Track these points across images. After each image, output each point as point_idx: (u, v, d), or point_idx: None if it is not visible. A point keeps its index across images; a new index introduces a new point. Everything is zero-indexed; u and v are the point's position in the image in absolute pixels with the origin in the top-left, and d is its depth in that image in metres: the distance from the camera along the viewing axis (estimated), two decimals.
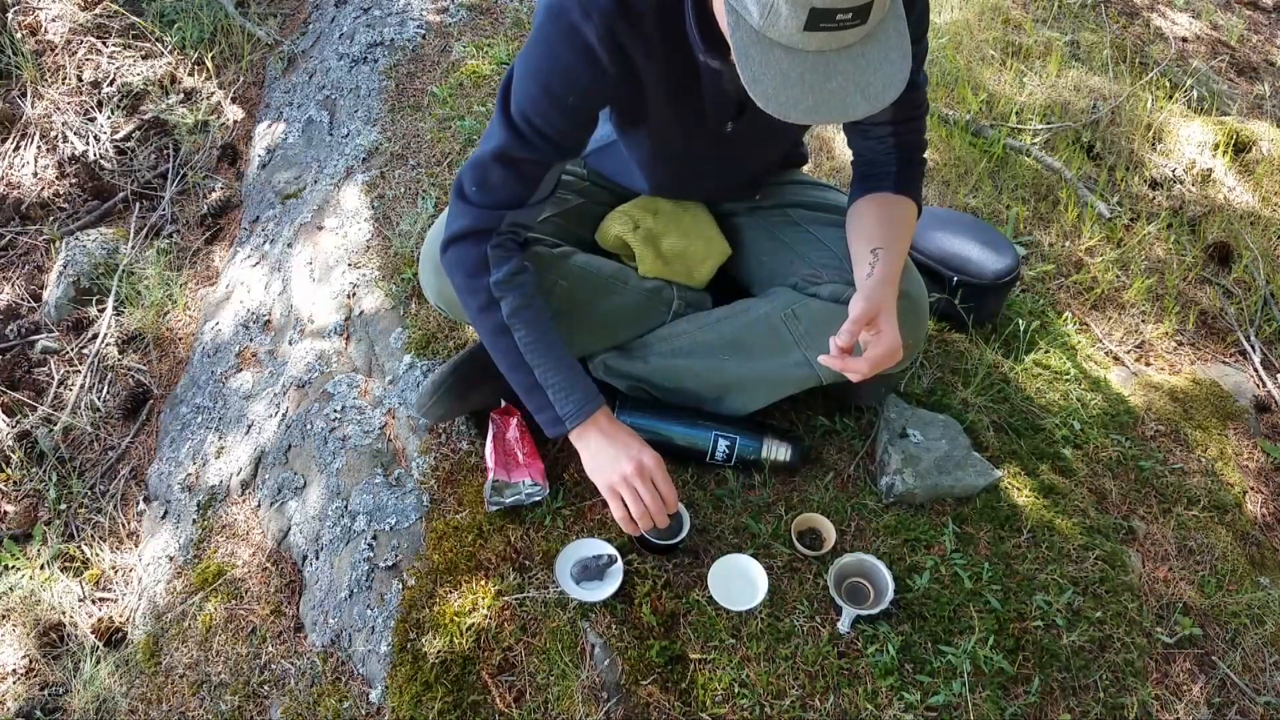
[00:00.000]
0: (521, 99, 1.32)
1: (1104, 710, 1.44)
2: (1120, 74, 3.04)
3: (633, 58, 1.29)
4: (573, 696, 1.39)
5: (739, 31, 1.09)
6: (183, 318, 2.47)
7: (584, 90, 1.31)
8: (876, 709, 1.39)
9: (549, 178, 1.41)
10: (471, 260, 1.42)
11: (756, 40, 1.09)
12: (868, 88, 1.10)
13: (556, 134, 1.34)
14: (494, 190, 1.39)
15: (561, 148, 1.37)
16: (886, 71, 1.10)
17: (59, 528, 2.11)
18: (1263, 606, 1.64)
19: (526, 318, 1.42)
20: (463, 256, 1.42)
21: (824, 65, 1.09)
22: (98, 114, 3.03)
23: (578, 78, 1.29)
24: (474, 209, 1.41)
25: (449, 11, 2.90)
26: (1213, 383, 2.10)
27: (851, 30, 1.06)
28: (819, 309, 1.56)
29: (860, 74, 1.10)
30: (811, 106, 1.10)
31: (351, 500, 1.68)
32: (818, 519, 1.61)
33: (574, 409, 1.44)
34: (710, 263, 1.72)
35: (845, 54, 1.09)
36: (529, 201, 1.41)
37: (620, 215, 1.71)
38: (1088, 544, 1.64)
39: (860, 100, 1.10)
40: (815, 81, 1.09)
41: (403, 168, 2.33)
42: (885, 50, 1.10)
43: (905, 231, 1.50)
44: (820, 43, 1.07)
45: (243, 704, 1.57)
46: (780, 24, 1.06)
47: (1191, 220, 2.57)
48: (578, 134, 1.39)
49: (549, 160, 1.39)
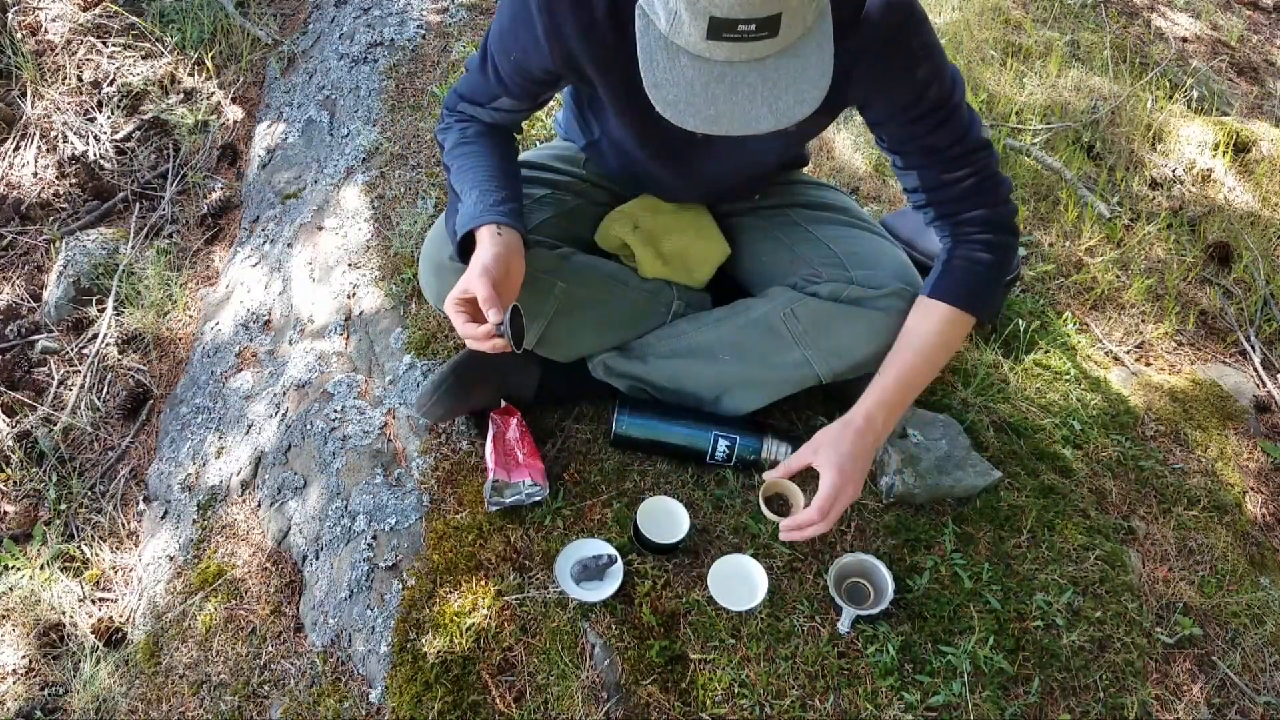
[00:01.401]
0: (490, 35, 1.41)
1: (1104, 710, 1.44)
2: (1120, 74, 3.04)
3: (570, 44, 1.30)
4: (573, 696, 1.39)
5: (646, 36, 1.09)
6: (183, 318, 2.47)
7: (522, 49, 1.35)
8: (876, 709, 1.39)
9: (503, 104, 1.48)
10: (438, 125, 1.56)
11: (664, 46, 1.08)
12: (776, 103, 1.08)
13: (506, 76, 1.42)
14: (463, 85, 1.52)
15: (509, 89, 1.44)
16: (800, 89, 1.08)
17: (59, 528, 2.10)
18: (1263, 606, 1.64)
19: (459, 153, 1.49)
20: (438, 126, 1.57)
21: (731, 76, 1.07)
22: (98, 114, 3.03)
23: (519, 39, 1.34)
24: (450, 94, 1.55)
25: (449, 11, 2.90)
26: (1213, 383, 2.10)
27: (761, 43, 1.05)
28: (818, 308, 1.56)
29: (770, 89, 1.08)
30: (713, 116, 1.09)
31: (351, 500, 1.68)
32: (786, 484, 1.57)
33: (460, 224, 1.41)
34: (710, 263, 1.72)
35: (756, 67, 1.07)
36: (485, 107, 1.50)
37: (620, 215, 1.71)
38: (1088, 544, 1.64)
39: (767, 115, 1.09)
40: (720, 92, 1.08)
41: (403, 168, 2.33)
42: (802, 66, 1.08)
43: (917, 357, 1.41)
44: (728, 53, 1.06)
45: (243, 704, 1.57)
46: (684, 31, 1.05)
47: (1191, 220, 2.57)
48: (524, 86, 1.43)
49: (498, 94, 1.46)
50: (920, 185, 1.41)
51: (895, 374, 1.42)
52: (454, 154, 1.49)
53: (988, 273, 1.42)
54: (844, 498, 1.38)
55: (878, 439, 1.42)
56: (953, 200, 1.41)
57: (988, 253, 1.41)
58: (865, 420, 1.40)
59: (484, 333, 1.32)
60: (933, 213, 1.44)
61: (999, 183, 1.42)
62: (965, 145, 1.37)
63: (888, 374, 1.42)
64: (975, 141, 1.38)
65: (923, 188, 1.41)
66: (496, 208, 1.40)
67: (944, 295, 1.42)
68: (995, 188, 1.41)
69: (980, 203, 1.41)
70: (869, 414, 1.40)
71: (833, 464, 1.37)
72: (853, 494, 1.39)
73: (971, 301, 1.42)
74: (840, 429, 1.40)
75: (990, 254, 1.41)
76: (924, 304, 1.44)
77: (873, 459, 1.45)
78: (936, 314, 1.42)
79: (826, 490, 1.36)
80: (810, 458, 1.41)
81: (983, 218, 1.41)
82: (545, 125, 2.45)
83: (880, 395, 1.41)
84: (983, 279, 1.42)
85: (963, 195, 1.40)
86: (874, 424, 1.40)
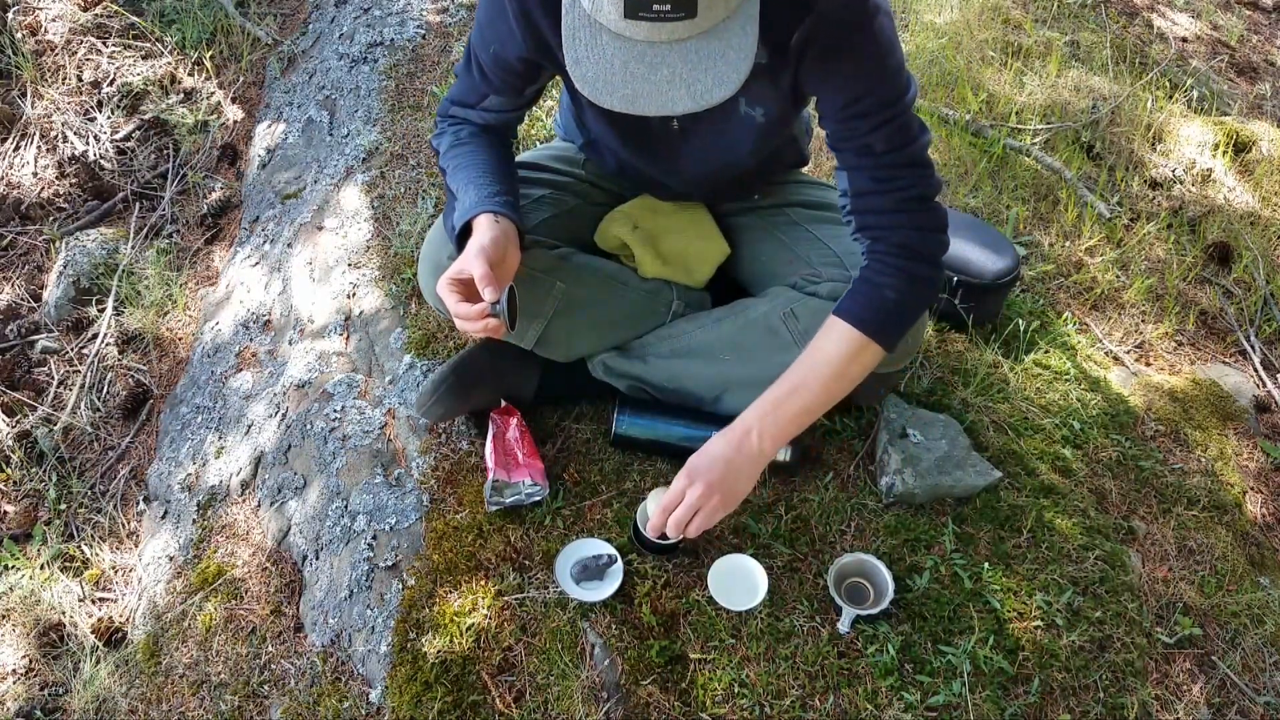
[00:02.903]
0: (471, 34, 1.42)
1: (1104, 710, 1.44)
2: (1120, 74, 3.04)
3: (539, 25, 1.30)
4: (573, 696, 1.39)
5: (571, 13, 1.10)
6: (183, 318, 2.47)
7: (499, 39, 1.36)
8: (876, 709, 1.39)
9: (493, 101, 1.47)
10: (433, 131, 1.56)
11: (587, 23, 1.09)
12: (694, 84, 1.08)
13: (489, 71, 1.42)
14: (453, 89, 1.52)
15: (494, 85, 1.44)
16: (719, 70, 1.08)
17: (59, 528, 2.10)
18: (1263, 606, 1.64)
19: (454, 154, 1.48)
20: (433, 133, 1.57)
21: (651, 56, 1.07)
22: (98, 114, 3.03)
23: (497, 32, 1.35)
24: (443, 100, 1.55)
25: (449, 11, 2.90)
26: (1213, 383, 2.10)
27: (680, 23, 1.05)
28: (818, 308, 1.55)
29: (689, 69, 1.08)
30: (630, 95, 1.09)
31: (351, 500, 1.68)
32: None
33: (456, 220, 1.41)
34: (710, 263, 1.72)
35: (676, 48, 1.07)
36: (477, 107, 1.50)
37: (620, 215, 1.71)
38: (1088, 544, 1.64)
39: (684, 96, 1.09)
40: (639, 71, 1.08)
41: (403, 168, 2.33)
42: (722, 49, 1.07)
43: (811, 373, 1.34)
44: (647, 33, 1.06)
45: (243, 704, 1.57)
46: (604, 8, 1.06)
47: (1191, 220, 2.57)
48: (507, 78, 1.43)
49: (484, 91, 1.46)
50: (849, 189, 1.34)
51: (784, 387, 1.36)
52: (449, 155, 1.49)
53: (895, 301, 1.33)
54: (692, 498, 1.32)
55: (753, 453, 1.35)
56: (875, 213, 1.33)
57: (896, 280, 1.33)
58: (739, 430, 1.35)
59: (478, 312, 1.30)
60: (854, 223, 1.36)
61: (931, 209, 1.34)
62: (902, 156, 1.31)
63: (776, 387, 1.37)
64: (914, 156, 1.31)
65: (850, 192, 1.34)
66: (493, 199, 1.40)
67: (845, 314, 1.35)
68: (925, 212, 1.33)
69: (903, 223, 1.33)
70: (744, 425, 1.35)
71: (688, 466, 1.34)
72: (703, 492, 1.31)
73: (873, 326, 1.33)
74: (718, 436, 1.36)
75: (899, 282, 1.33)
76: (829, 320, 1.37)
77: (749, 474, 1.36)
78: (836, 332, 1.35)
79: (672, 489, 1.33)
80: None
81: (901, 240, 1.33)
82: (545, 125, 2.45)
83: (761, 409, 1.36)
84: (889, 307, 1.33)
85: (887, 210, 1.33)
86: (748, 435, 1.34)
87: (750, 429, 1.35)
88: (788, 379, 1.37)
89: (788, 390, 1.36)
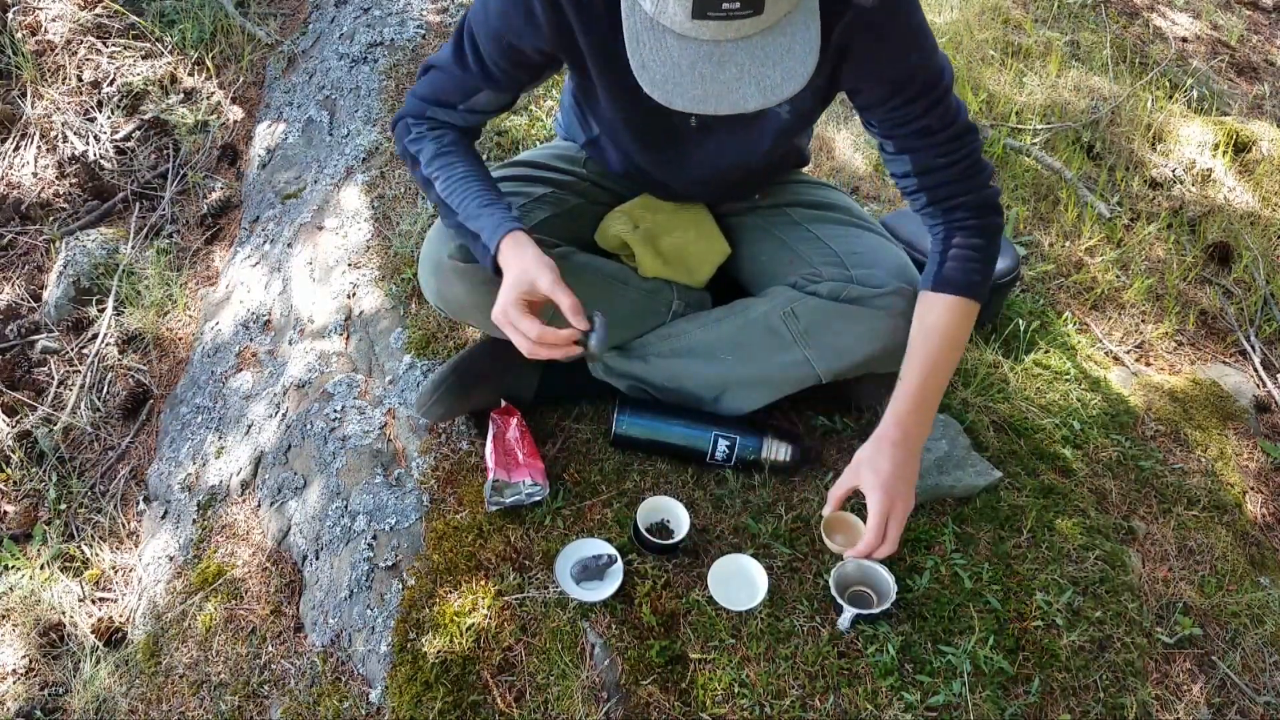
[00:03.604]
0: (472, 26, 1.38)
1: (1104, 710, 1.44)
2: (1120, 74, 3.04)
3: (570, 25, 1.30)
4: (573, 696, 1.39)
5: (633, 16, 1.09)
6: (183, 318, 2.47)
7: (516, 32, 1.34)
8: (876, 709, 1.39)
9: (481, 99, 1.45)
10: (401, 132, 1.51)
11: (650, 26, 1.08)
12: (763, 80, 1.08)
13: (491, 64, 1.39)
14: (429, 87, 1.48)
15: (493, 78, 1.41)
16: (787, 65, 1.08)
17: (59, 528, 2.10)
18: (1263, 606, 1.64)
19: (441, 164, 1.46)
20: (398, 132, 1.52)
21: (718, 55, 1.07)
22: (98, 114, 3.03)
23: (514, 22, 1.32)
24: (412, 99, 1.50)
25: (449, 11, 2.90)
26: (1213, 383, 2.10)
27: (746, 20, 1.04)
28: (818, 307, 1.56)
29: (757, 66, 1.07)
30: (700, 96, 1.09)
31: (351, 500, 1.68)
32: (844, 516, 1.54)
33: (487, 240, 1.40)
34: (710, 263, 1.72)
35: (743, 45, 1.07)
36: (457, 108, 1.47)
37: (620, 215, 1.71)
38: (1088, 544, 1.64)
39: (754, 92, 1.08)
40: (708, 71, 1.07)
41: (403, 168, 2.33)
42: (789, 43, 1.07)
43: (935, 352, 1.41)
44: (714, 32, 1.05)
45: (243, 704, 1.57)
46: (670, 10, 1.05)
47: (1191, 220, 2.57)
48: (511, 73, 1.41)
49: (478, 85, 1.43)
50: (913, 170, 1.40)
51: (916, 375, 1.42)
52: (435, 165, 1.46)
53: (984, 257, 1.42)
54: (896, 513, 1.39)
55: (915, 445, 1.42)
56: (945, 185, 1.40)
57: (981, 237, 1.42)
58: (898, 429, 1.41)
59: (566, 338, 1.34)
60: (925, 198, 1.43)
61: (984, 166, 1.42)
62: (956, 129, 1.38)
63: (909, 377, 1.43)
64: (964, 125, 1.39)
65: (915, 172, 1.40)
66: (514, 218, 1.41)
67: (947, 287, 1.41)
68: (981, 171, 1.42)
69: (970, 187, 1.41)
70: (900, 422, 1.41)
71: (875, 485, 1.39)
72: (904, 507, 1.40)
73: (974, 289, 1.42)
74: (875, 445, 1.41)
75: (984, 238, 1.42)
76: (929, 298, 1.43)
77: (918, 464, 1.45)
78: (943, 306, 1.42)
79: (876, 512, 1.38)
80: (854, 481, 1.43)
81: (973, 202, 1.41)
82: (545, 125, 2.45)
83: (907, 401, 1.42)
84: (980, 264, 1.42)
85: (954, 179, 1.40)
86: (907, 432, 1.41)
87: (905, 428, 1.41)
88: (916, 364, 1.42)
89: (920, 376, 1.41)
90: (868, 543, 1.40)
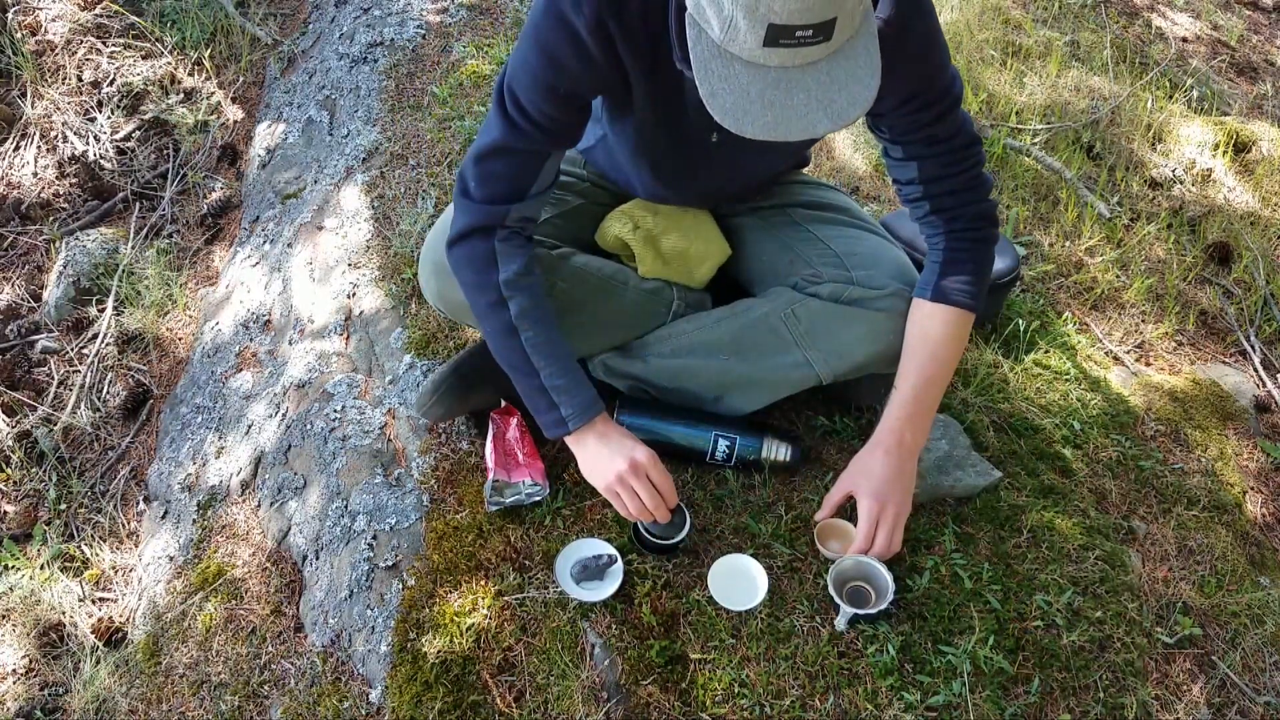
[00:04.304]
0: (515, 89, 1.33)
1: (1104, 710, 1.44)
2: (1120, 74, 3.04)
3: (620, 52, 1.29)
4: (573, 696, 1.39)
5: (699, 45, 1.09)
6: (183, 318, 2.47)
7: (573, 78, 1.31)
8: (876, 709, 1.39)
9: (548, 168, 1.42)
10: (479, 257, 1.42)
11: (717, 54, 1.08)
12: (831, 104, 1.08)
13: (549, 122, 1.35)
14: (494, 184, 1.40)
15: (555, 136, 1.38)
16: (853, 90, 1.08)
17: (59, 528, 2.11)
18: (1263, 606, 1.64)
19: (535, 319, 1.42)
20: (471, 254, 1.42)
21: (786, 81, 1.07)
22: (98, 114, 3.03)
23: (567, 66, 1.29)
24: (477, 205, 1.41)
25: (449, 11, 2.90)
26: (1213, 383, 2.10)
27: (815, 47, 1.05)
28: (819, 308, 1.56)
29: (824, 91, 1.08)
30: (771, 123, 1.09)
31: (351, 500, 1.68)
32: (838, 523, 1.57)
33: (576, 412, 1.43)
34: (710, 263, 1.72)
35: (810, 70, 1.07)
36: (530, 193, 1.41)
37: (620, 215, 1.71)
38: (1088, 544, 1.64)
39: (823, 118, 1.09)
40: (776, 98, 1.08)
41: (403, 168, 2.33)
42: (853, 68, 1.08)
43: (932, 362, 1.44)
44: (782, 59, 1.06)
45: (243, 704, 1.57)
46: (740, 39, 1.05)
47: (1191, 220, 2.57)
48: (570, 122, 1.39)
49: (545, 150, 1.39)
50: (919, 177, 1.42)
51: (912, 383, 1.45)
52: (530, 319, 1.42)
53: (981, 269, 1.45)
54: (887, 518, 1.43)
55: (910, 452, 1.45)
56: (949, 194, 1.42)
57: (979, 249, 1.45)
58: (893, 437, 1.44)
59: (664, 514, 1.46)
60: (927, 206, 1.44)
61: (986, 179, 1.44)
62: (964, 138, 1.40)
63: (905, 385, 1.45)
64: (971, 136, 1.41)
65: (921, 179, 1.42)
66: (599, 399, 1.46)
67: (946, 298, 1.44)
68: (984, 184, 1.44)
69: (972, 198, 1.43)
70: (894, 430, 1.44)
71: (867, 490, 1.44)
72: (896, 512, 1.44)
73: (972, 300, 1.44)
74: (869, 452, 1.45)
75: (981, 250, 1.45)
76: (926, 308, 1.45)
77: (914, 470, 1.48)
78: (941, 317, 1.44)
79: (865, 517, 1.43)
80: (848, 487, 1.48)
81: (974, 214, 1.44)
82: None
83: (902, 410, 1.45)
84: (978, 275, 1.44)
85: (958, 190, 1.42)
86: (902, 440, 1.44)
87: (900, 435, 1.44)
88: (913, 373, 1.45)
89: (916, 384, 1.45)
90: (856, 546, 1.45)
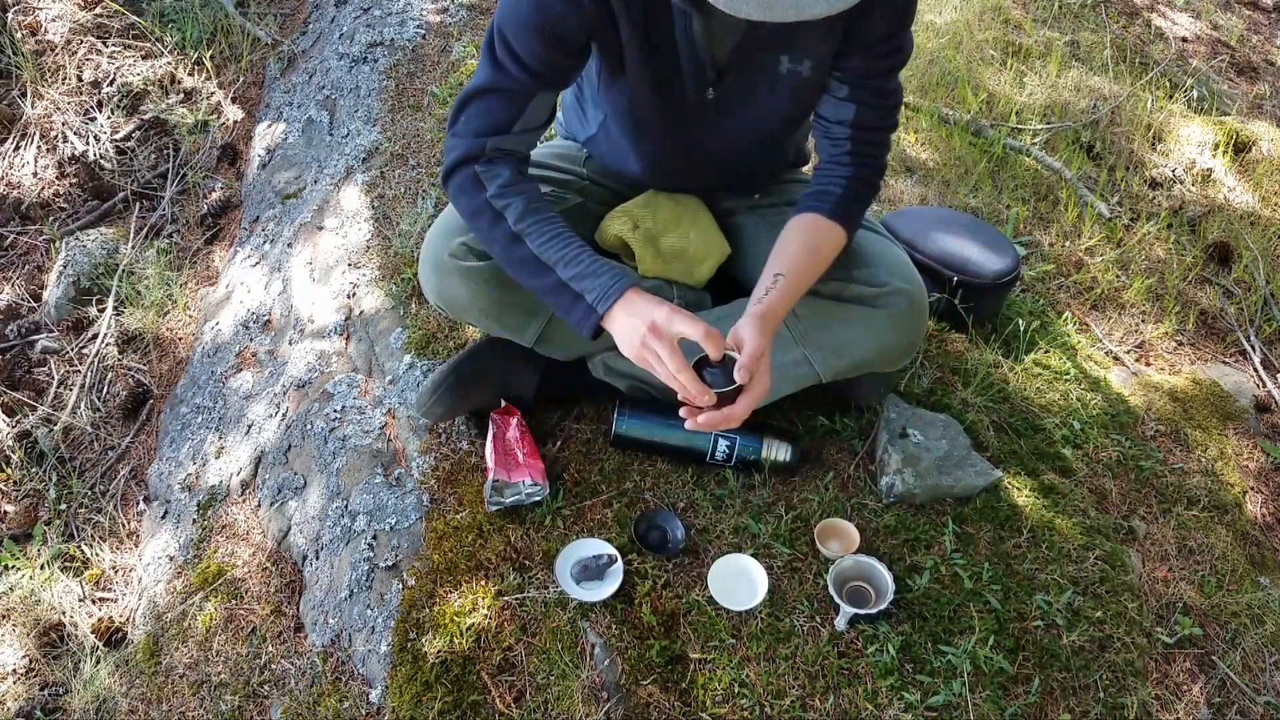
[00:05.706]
0: (503, 29, 1.35)
1: (1104, 710, 1.44)
2: (1120, 74, 3.04)
3: (611, 3, 1.30)
4: (573, 696, 1.39)
5: None
6: (183, 318, 2.47)
7: (559, 19, 1.32)
8: (876, 709, 1.39)
9: (535, 106, 1.42)
10: (468, 184, 1.43)
11: None
12: None
13: (537, 63, 1.37)
14: (476, 120, 1.42)
15: (542, 77, 1.39)
16: None
17: (59, 528, 2.10)
18: (1263, 606, 1.64)
19: (534, 218, 1.41)
20: (461, 185, 1.44)
21: None
22: (98, 114, 3.03)
23: (553, 6, 1.31)
24: (461, 139, 1.43)
25: (449, 11, 2.90)
26: (1213, 383, 2.10)
27: None
28: (819, 307, 1.56)
29: None
30: (766, 3, 1.10)
31: (351, 500, 1.68)
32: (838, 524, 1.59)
33: (600, 296, 1.36)
34: (710, 262, 1.72)
35: None
36: (513, 129, 1.43)
37: (620, 215, 1.71)
38: (1088, 544, 1.64)
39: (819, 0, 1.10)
40: None
41: (403, 168, 2.33)
42: None
43: (819, 263, 1.48)
44: None
45: (243, 704, 1.57)
46: None
47: (1191, 220, 2.57)
48: (557, 64, 1.40)
49: (529, 90, 1.40)
50: (852, 120, 1.47)
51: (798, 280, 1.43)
52: (529, 220, 1.41)
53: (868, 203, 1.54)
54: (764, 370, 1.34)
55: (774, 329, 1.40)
56: (873, 144, 1.50)
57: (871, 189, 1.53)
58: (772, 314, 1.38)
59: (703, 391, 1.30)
60: (848, 148, 1.49)
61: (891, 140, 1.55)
62: (898, 97, 1.48)
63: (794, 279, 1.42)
64: (901, 97, 1.50)
65: (853, 123, 1.47)
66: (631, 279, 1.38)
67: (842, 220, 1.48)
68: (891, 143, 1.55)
69: (883, 151, 1.53)
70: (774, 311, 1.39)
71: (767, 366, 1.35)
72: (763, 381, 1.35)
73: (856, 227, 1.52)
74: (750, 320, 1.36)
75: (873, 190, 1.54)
76: (824, 223, 1.47)
77: None
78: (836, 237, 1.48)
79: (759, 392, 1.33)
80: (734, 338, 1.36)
81: (879, 163, 1.53)
82: None
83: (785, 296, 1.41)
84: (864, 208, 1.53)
85: (880, 142, 1.51)
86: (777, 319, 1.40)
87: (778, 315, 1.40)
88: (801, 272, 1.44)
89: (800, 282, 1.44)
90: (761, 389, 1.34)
